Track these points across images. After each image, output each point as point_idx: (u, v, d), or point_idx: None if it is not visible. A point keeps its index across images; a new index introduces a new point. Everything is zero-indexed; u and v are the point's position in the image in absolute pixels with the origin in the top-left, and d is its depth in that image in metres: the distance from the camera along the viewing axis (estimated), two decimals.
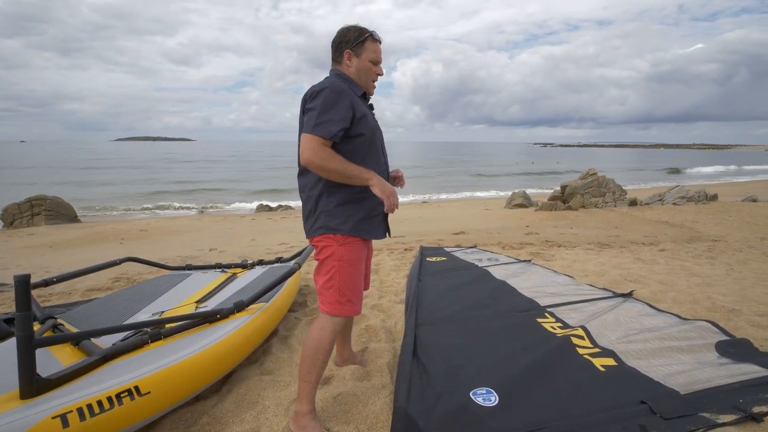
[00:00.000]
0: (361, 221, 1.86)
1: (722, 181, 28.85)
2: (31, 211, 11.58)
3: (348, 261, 1.84)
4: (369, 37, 1.88)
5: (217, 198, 21.53)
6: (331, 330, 1.85)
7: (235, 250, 6.93)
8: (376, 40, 1.90)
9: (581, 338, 2.60)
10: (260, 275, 3.43)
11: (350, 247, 1.84)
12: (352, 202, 1.83)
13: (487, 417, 1.80)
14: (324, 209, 1.83)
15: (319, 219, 1.84)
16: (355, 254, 1.87)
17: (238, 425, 1.89)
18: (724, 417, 1.79)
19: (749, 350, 2.45)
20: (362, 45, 1.87)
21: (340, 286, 1.84)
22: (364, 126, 1.81)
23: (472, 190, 25.30)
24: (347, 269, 1.84)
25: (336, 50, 1.90)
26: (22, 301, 1.48)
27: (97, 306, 2.80)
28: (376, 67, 1.91)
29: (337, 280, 1.84)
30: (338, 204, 1.82)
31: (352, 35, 1.87)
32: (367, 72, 1.90)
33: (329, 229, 1.82)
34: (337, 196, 1.81)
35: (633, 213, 10.70)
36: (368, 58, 1.88)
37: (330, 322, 1.85)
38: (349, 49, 1.87)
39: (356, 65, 1.88)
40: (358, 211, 1.84)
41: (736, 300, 3.47)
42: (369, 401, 2.03)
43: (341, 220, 1.82)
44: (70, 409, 1.47)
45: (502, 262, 4.77)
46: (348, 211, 1.83)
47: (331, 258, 1.84)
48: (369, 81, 1.93)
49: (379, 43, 1.92)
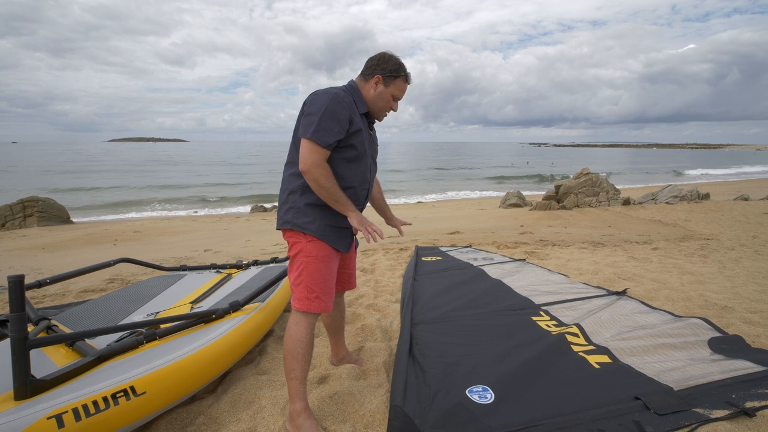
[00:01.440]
0: (328, 227, 1.89)
1: (714, 181, 29.08)
2: (23, 213, 11.49)
3: (316, 257, 1.87)
4: (403, 76, 1.95)
5: (213, 199, 21.43)
6: (305, 325, 1.87)
7: (230, 250, 6.91)
8: (407, 82, 1.98)
9: (576, 336, 2.62)
10: (255, 275, 3.42)
11: (318, 243, 1.87)
12: (322, 206, 1.86)
13: (483, 414, 1.81)
14: (294, 205, 1.87)
15: (288, 213, 1.88)
16: (323, 251, 1.88)
17: (235, 425, 1.89)
18: (717, 412, 1.81)
19: (741, 346, 2.47)
20: (394, 79, 1.93)
21: (309, 283, 1.86)
22: (357, 140, 1.86)
23: (469, 190, 25.36)
24: (315, 265, 1.86)
25: (369, 68, 1.94)
26: (15, 301, 1.46)
27: (91, 307, 2.78)
28: (394, 103, 1.98)
29: (305, 276, 1.86)
30: (308, 204, 1.86)
31: (391, 65, 1.92)
32: (385, 102, 1.95)
33: (296, 226, 1.86)
34: (309, 197, 1.85)
35: (626, 212, 10.77)
36: (392, 92, 1.94)
37: (303, 318, 1.88)
38: (382, 75, 1.91)
39: (380, 92, 1.92)
40: (326, 216, 1.88)
41: (728, 297, 3.50)
42: (365, 400, 2.03)
43: (309, 220, 1.86)
44: (65, 409, 1.46)
45: (497, 261, 4.79)
46: (316, 213, 1.86)
47: (300, 254, 1.87)
48: (382, 110, 1.98)
49: (407, 85, 1.99)
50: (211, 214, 15.81)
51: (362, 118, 1.92)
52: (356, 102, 1.89)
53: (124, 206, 18.17)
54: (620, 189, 13.25)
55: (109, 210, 17.30)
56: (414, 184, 27.41)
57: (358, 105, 1.90)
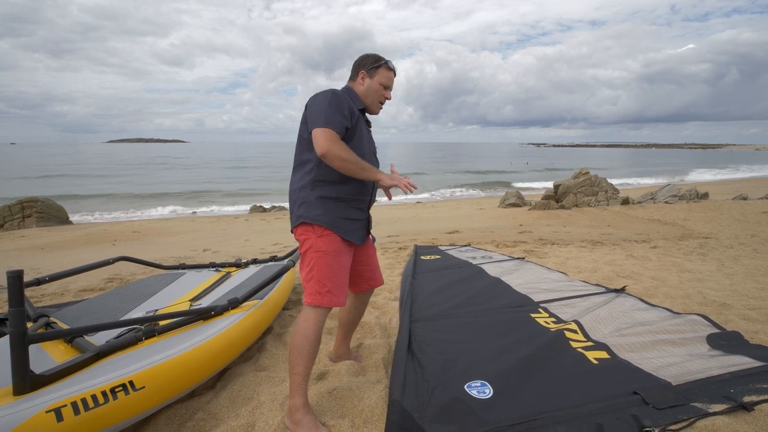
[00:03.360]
0: (340, 219, 1.92)
1: (713, 180, 29.13)
2: (22, 213, 11.47)
3: (326, 252, 1.89)
4: (384, 64, 2.05)
5: (210, 199, 21.42)
6: (314, 321, 1.88)
7: (228, 250, 6.91)
8: (390, 69, 2.07)
9: (574, 332, 2.62)
10: (254, 274, 3.42)
11: (328, 239, 1.90)
12: (333, 199, 1.91)
13: (482, 409, 1.81)
14: (305, 200, 1.92)
15: (300, 208, 1.92)
16: (333, 246, 1.90)
17: (234, 420, 1.89)
18: (715, 406, 1.81)
19: (740, 342, 2.48)
20: (377, 69, 2.04)
21: (320, 277, 1.88)
22: (355, 135, 1.94)
23: (466, 190, 25.37)
24: (325, 260, 1.89)
25: (353, 70, 2.08)
26: (14, 296, 1.46)
27: (90, 305, 2.78)
28: (385, 91, 2.07)
29: (316, 271, 1.89)
30: (321, 197, 1.90)
31: (370, 60, 2.05)
32: (376, 93, 2.05)
33: (308, 219, 1.90)
34: (320, 191, 1.90)
35: (625, 211, 10.77)
36: (379, 81, 2.04)
37: (313, 313, 1.89)
38: (365, 70, 2.04)
39: (368, 85, 2.04)
40: (337, 209, 1.92)
41: (727, 294, 3.51)
42: (364, 395, 2.03)
43: (320, 212, 1.89)
44: (64, 403, 1.46)
45: (496, 259, 4.79)
46: (327, 205, 1.90)
47: (311, 250, 1.90)
48: (376, 101, 2.06)
49: (393, 73, 2.09)
50: (210, 215, 15.79)
51: (360, 115, 2.01)
52: (353, 99, 2.01)
53: (123, 207, 18.14)
54: (619, 189, 13.26)
55: (109, 211, 17.29)
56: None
57: (355, 102, 2.01)
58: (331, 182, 1.90)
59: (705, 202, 12.32)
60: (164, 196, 22.16)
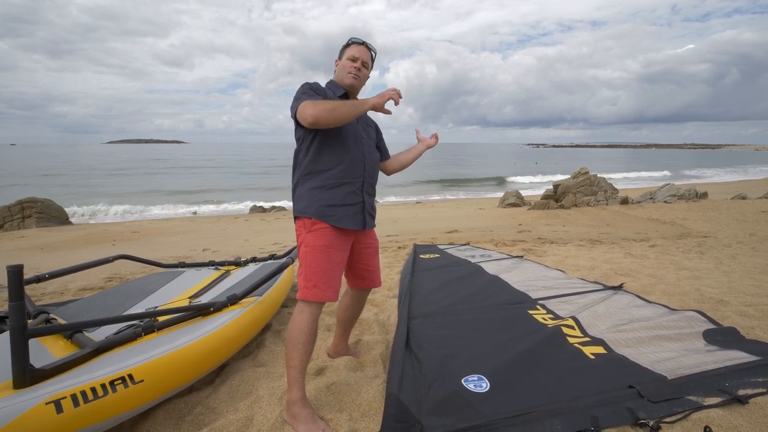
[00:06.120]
0: (329, 207, 1.93)
1: (712, 180, 29.14)
2: (21, 214, 11.48)
3: (314, 247, 1.91)
4: (351, 43, 2.10)
5: (210, 199, 21.43)
6: (307, 315, 1.90)
7: (228, 249, 6.92)
8: (356, 43, 2.10)
9: (572, 328, 2.64)
10: (253, 272, 3.43)
11: (318, 233, 1.92)
12: (320, 188, 1.93)
13: (478, 402, 1.83)
14: (298, 195, 1.98)
15: (295, 204, 1.99)
16: (322, 240, 1.92)
17: (233, 414, 1.90)
18: (710, 399, 1.83)
19: (736, 338, 2.49)
20: (345, 50, 2.11)
21: (306, 272, 1.92)
22: None
23: (466, 190, 25.38)
24: (312, 255, 1.91)
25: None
26: (14, 291, 1.47)
27: (89, 302, 2.79)
28: (353, 62, 2.07)
29: (304, 266, 1.93)
30: (308, 189, 1.94)
31: (341, 48, 2.13)
32: (344, 67, 2.07)
33: (298, 212, 1.96)
34: (309, 183, 1.95)
35: (624, 211, 10.79)
36: (347, 57, 2.08)
37: (305, 307, 1.91)
38: (337, 58, 2.13)
39: (340, 66, 2.10)
40: (326, 197, 1.93)
41: (724, 292, 3.52)
42: (362, 390, 2.05)
43: (306, 204, 1.93)
44: (64, 395, 1.47)
45: (495, 258, 4.81)
46: (315, 196, 1.93)
47: (302, 245, 1.95)
48: (347, 76, 2.07)
49: (361, 45, 2.09)
50: (210, 215, 15.79)
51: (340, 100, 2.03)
52: (332, 89, 2.06)
53: (123, 207, 18.14)
54: (618, 188, 13.28)
55: (109, 211, 17.28)
56: (413, 185, 27.44)
57: (335, 90, 2.06)
58: (317, 172, 1.93)
59: (704, 202, 12.34)
60: (164, 197, 22.16)
